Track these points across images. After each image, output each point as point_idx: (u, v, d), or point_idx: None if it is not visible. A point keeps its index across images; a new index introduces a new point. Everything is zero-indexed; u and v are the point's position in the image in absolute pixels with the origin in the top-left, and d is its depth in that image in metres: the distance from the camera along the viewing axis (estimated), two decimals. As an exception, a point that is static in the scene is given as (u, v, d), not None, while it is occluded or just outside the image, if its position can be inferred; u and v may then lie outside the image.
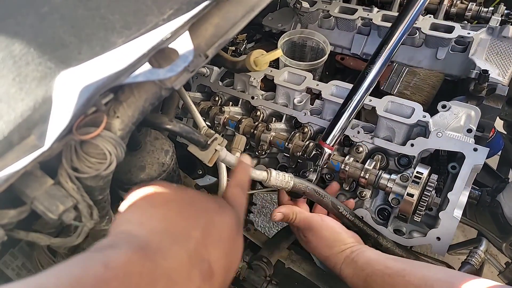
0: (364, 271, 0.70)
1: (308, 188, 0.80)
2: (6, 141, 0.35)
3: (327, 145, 0.87)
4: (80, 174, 0.45)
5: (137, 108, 0.48)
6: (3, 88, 0.36)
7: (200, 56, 0.48)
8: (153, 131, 0.83)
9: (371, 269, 0.70)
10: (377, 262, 0.71)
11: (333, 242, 0.79)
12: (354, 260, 0.74)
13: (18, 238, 0.43)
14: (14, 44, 0.37)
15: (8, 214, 0.39)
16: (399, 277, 0.65)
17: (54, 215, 0.40)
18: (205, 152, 0.69)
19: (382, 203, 0.91)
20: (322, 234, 0.80)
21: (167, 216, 0.41)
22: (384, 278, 0.66)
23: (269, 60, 1.00)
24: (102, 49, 0.41)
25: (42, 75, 0.37)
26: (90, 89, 0.37)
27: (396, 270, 0.66)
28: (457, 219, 0.79)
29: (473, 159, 0.80)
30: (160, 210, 0.42)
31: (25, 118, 0.36)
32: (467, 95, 0.96)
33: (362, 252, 0.75)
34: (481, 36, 1.03)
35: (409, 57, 1.12)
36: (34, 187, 0.40)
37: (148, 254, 0.35)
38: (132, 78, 0.40)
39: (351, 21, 1.18)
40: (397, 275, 0.66)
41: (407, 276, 0.64)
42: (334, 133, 0.88)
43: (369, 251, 0.76)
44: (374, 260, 0.72)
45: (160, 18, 0.44)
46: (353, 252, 0.76)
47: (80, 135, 0.43)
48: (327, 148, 0.87)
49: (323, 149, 0.87)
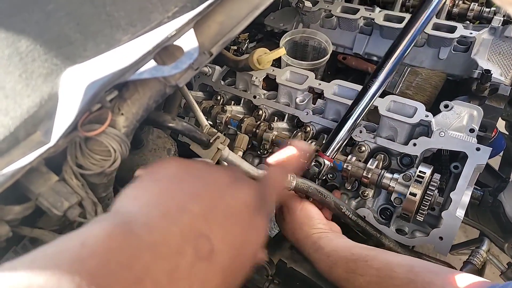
0: (329, 258, 0.72)
1: (310, 188, 0.81)
2: (12, 137, 0.35)
3: (326, 156, 0.86)
4: (85, 171, 0.45)
5: (142, 106, 0.48)
6: (10, 84, 0.36)
7: (205, 53, 0.48)
8: (155, 129, 0.83)
9: (337, 256, 0.71)
10: (342, 249, 0.72)
11: (303, 225, 0.81)
12: (321, 247, 0.75)
13: (22, 235, 0.43)
14: (20, 41, 0.37)
15: (13, 210, 0.39)
16: (362, 262, 0.67)
17: (59, 212, 0.40)
18: (208, 151, 0.69)
19: (384, 203, 0.91)
20: (296, 214, 0.82)
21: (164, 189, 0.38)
22: (348, 264, 0.68)
23: (272, 59, 1.00)
24: (107, 46, 0.41)
25: (48, 71, 0.37)
26: (96, 86, 0.37)
27: (360, 255, 0.68)
28: (459, 218, 0.79)
29: (476, 158, 0.80)
30: (161, 183, 0.39)
31: (31, 114, 0.36)
32: (470, 95, 0.96)
33: (330, 240, 0.76)
34: (483, 36, 1.03)
35: (411, 57, 1.12)
36: (39, 184, 0.40)
37: (131, 228, 0.32)
38: (137, 75, 0.40)
39: (353, 21, 1.18)
40: (360, 260, 0.67)
41: (370, 261, 0.66)
42: (334, 145, 0.87)
43: (337, 239, 0.77)
44: (340, 247, 0.73)
45: (165, 15, 0.44)
46: (320, 238, 0.77)
47: (85, 131, 0.43)
48: (326, 160, 0.86)
49: (323, 161, 0.86)
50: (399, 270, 0.62)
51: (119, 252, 0.29)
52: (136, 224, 0.32)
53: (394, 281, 0.60)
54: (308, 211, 0.83)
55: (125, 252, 0.30)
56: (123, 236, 0.31)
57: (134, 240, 0.31)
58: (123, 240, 0.30)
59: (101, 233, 0.30)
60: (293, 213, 0.83)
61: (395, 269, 0.62)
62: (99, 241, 0.30)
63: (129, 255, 0.30)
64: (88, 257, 0.28)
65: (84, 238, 0.30)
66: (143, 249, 0.30)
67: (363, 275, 0.65)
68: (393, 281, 0.60)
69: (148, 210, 0.35)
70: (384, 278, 0.62)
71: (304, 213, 0.83)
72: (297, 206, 0.84)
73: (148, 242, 0.31)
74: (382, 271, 0.63)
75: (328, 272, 0.72)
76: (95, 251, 0.29)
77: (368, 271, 0.65)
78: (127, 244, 0.30)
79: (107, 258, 0.28)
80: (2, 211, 0.39)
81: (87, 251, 0.28)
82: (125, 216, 0.34)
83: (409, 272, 0.60)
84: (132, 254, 0.30)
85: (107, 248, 0.29)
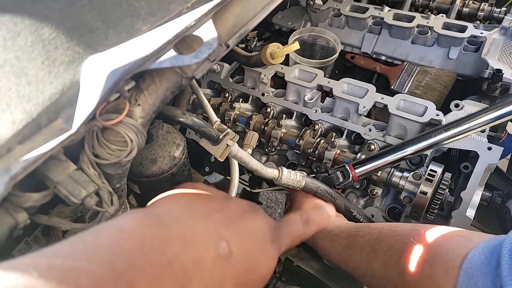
0: (331, 233, 0.71)
1: (320, 189, 0.80)
2: (34, 123, 0.35)
3: (354, 172, 0.84)
4: (101, 161, 0.45)
5: (158, 97, 0.48)
6: (32, 71, 0.36)
7: (222, 45, 0.48)
8: (165, 124, 0.83)
9: (340, 229, 0.70)
10: (346, 224, 0.72)
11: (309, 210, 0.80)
12: (324, 228, 0.74)
13: (39, 223, 0.43)
14: (43, 28, 0.37)
15: (32, 197, 0.39)
16: (365, 227, 0.66)
17: (77, 200, 0.40)
18: (217, 147, 0.69)
19: (393, 202, 0.91)
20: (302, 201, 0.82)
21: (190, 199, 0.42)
22: (350, 232, 0.67)
23: (286, 53, 1.00)
24: (128, 35, 0.41)
25: (70, 59, 0.37)
26: (117, 74, 0.37)
27: (363, 224, 0.68)
28: (470, 218, 0.79)
29: (487, 158, 0.80)
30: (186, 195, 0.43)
31: (53, 101, 0.36)
32: (480, 95, 0.96)
33: (333, 221, 0.75)
34: (494, 36, 1.02)
35: (421, 57, 1.12)
36: (57, 172, 0.41)
37: (162, 220, 0.35)
38: (157, 64, 0.40)
39: (362, 20, 1.18)
40: (362, 226, 0.67)
41: (373, 225, 0.65)
42: (367, 168, 0.84)
43: (341, 221, 0.77)
44: (344, 224, 0.73)
45: (184, 6, 0.44)
46: None
47: (103, 121, 0.43)
48: (352, 176, 0.84)
49: (349, 175, 0.84)
50: (403, 226, 0.60)
51: (152, 238, 0.32)
52: (166, 218, 0.36)
53: (397, 233, 0.57)
54: (315, 200, 0.83)
55: (157, 239, 0.32)
56: (155, 225, 0.34)
57: (165, 230, 0.34)
58: (155, 228, 0.33)
59: (135, 222, 0.33)
60: (300, 199, 0.83)
61: (398, 226, 0.60)
62: (133, 228, 0.32)
63: (161, 242, 0.32)
64: (124, 241, 0.31)
65: (120, 225, 0.33)
66: (173, 238, 0.34)
67: (363, 236, 0.63)
68: (395, 233, 0.57)
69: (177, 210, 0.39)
70: (386, 233, 0.59)
71: (310, 198, 0.82)
72: (305, 199, 0.84)
73: (177, 232, 0.35)
74: (384, 229, 0.60)
75: (329, 247, 0.69)
76: (130, 236, 0.31)
77: (370, 231, 0.63)
78: (159, 232, 0.33)
79: (141, 243, 0.31)
80: (21, 198, 0.39)
81: (123, 236, 0.31)
82: (155, 211, 0.38)
83: (414, 226, 0.58)
84: (163, 241, 0.33)
85: (141, 234, 0.32)
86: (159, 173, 0.80)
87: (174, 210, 0.38)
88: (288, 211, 0.90)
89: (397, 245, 0.54)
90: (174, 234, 0.34)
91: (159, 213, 0.37)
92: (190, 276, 0.33)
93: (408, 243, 0.52)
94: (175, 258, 0.32)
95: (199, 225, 0.37)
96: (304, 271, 1.00)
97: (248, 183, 1.37)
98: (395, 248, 0.54)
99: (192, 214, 0.39)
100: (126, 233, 0.31)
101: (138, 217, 0.34)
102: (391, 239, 0.57)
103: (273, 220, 0.50)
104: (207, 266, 0.35)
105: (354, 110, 0.95)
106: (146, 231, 0.32)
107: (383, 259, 0.55)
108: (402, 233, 0.56)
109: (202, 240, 0.36)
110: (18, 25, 0.38)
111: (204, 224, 0.38)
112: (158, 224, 0.34)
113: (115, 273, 0.28)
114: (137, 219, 0.34)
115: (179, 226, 0.35)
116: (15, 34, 0.38)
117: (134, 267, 0.29)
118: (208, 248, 0.36)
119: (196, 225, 0.37)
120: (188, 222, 0.37)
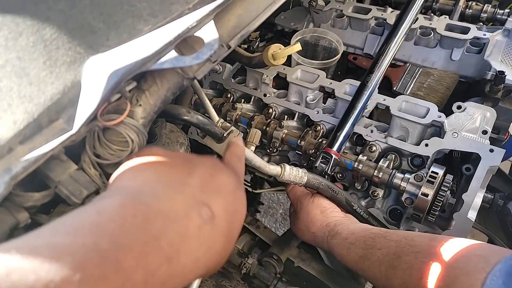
0: (347, 240, 0.71)
1: (322, 184, 0.80)
2: (35, 123, 0.36)
3: (332, 151, 0.86)
4: (102, 161, 0.45)
5: (159, 97, 0.48)
6: (34, 71, 0.36)
7: (223, 46, 0.48)
8: (168, 124, 0.84)
9: (355, 237, 0.71)
10: (361, 231, 0.72)
11: (317, 216, 0.81)
12: (338, 232, 0.75)
13: (39, 222, 0.44)
14: (45, 29, 0.37)
15: (33, 197, 0.39)
16: (381, 237, 0.66)
17: (78, 199, 0.40)
18: (221, 145, 0.69)
19: (394, 204, 0.91)
20: (309, 208, 0.83)
21: (160, 169, 0.41)
22: (366, 242, 0.67)
23: (288, 54, 1.00)
24: (129, 36, 0.41)
25: (72, 59, 0.37)
26: (118, 75, 0.37)
27: (379, 233, 0.68)
28: (471, 221, 0.78)
29: (489, 160, 0.79)
30: (154, 166, 0.41)
31: (55, 101, 0.36)
32: (483, 97, 0.95)
33: (347, 225, 0.76)
34: (497, 38, 1.02)
35: (423, 58, 1.11)
36: (58, 172, 0.41)
37: (140, 198, 0.34)
38: (158, 64, 0.40)
39: (365, 21, 1.18)
40: (378, 236, 0.67)
41: (389, 236, 0.65)
42: (339, 140, 0.88)
43: (354, 225, 0.76)
44: (358, 229, 0.73)
45: (185, 7, 0.44)
46: (337, 225, 0.77)
47: (104, 121, 0.43)
48: (333, 155, 0.86)
49: (331, 155, 0.86)
50: (420, 239, 0.60)
51: (133, 217, 0.32)
52: (143, 195, 0.35)
53: (415, 249, 0.58)
54: (321, 203, 0.83)
55: (138, 217, 0.32)
56: (134, 204, 0.33)
57: (145, 208, 0.33)
58: (135, 208, 0.33)
59: (114, 203, 0.33)
60: (306, 207, 0.83)
61: (415, 239, 0.60)
62: (113, 209, 0.32)
63: (143, 219, 0.32)
64: (106, 221, 0.30)
65: (99, 208, 0.32)
66: (154, 214, 0.33)
67: (381, 249, 0.63)
68: (413, 249, 0.58)
69: (151, 185, 0.38)
70: (403, 247, 0.59)
71: (316, 204, 0.83)
72: (309, 200, 0.84)
73: (157, 208, 0.34)
74: (402, 242, 0.61)
75: (345, 254, 0.71)
76: (112, 217, 0.31)
77: (387, 244, 0.63)
78: (139, 210, 0.33)
79: (124, 222, 0.31)
80: (22, 198, 0.39)
81: (104, 217, 0.31)
82: (131, 190, 0.36)
83: (431, 240, 0.58)
84: (145, 219, 0.32)
85: (122, 215, 0.32)
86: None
87: (149, 185, 0.37)
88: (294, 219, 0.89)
89: (416, 263, 0.55)
90: (155, 211, 0.33)
91: (135, 191, 0.36)
92: (178, 249, 0.33)
93: (428, 263, 0.53)
94: (160, 234, 0.32)
95: (178, 196, 0.37)
96: (305, 272, 1.00)
97: (249, 184, 1.37)
98: (415, 267, 0.55)
99: (167, 185, 0.38)
100: (106, 215, 0.31)
101: (116, 199, 0.34)
102: (410, 256, 0.57)
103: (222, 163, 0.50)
104: (193, 236, 0.35)
105: (356, 111, 0.95)
106: (127, 211, 0.32)
107: (403, 277, 0.56)
108: (421, 250, 0.57)
109: (183, 211, 0.36)
110: (20, 25, 0.38)
111: (182, 194, 0.37)
112: (137, 203, 0.34)
113: (99, 252, 0.28)
114: (115, 200, 0.33)
115: (159, 202, 0.35)
116: (17, 34, 0.38)
117: (118, 246, 0.29)
118: (191, 217, 0.36)
119: (175, 196, 0.37)
120: (166, 196, 0.36)
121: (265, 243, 1.07)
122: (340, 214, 0.82)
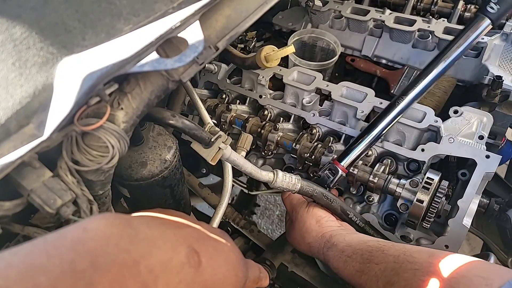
0: (343, 253, 0.69)
1: (316, 192, 0.78)
2: (3, 129, 0.33)
3: (341, 166, 0.83)
4: (81, 167, 0.43)
5: (143, 101, 0.46)
6: (2, 73, 0.34)
7: (210, 48, 0.46)
8: (156, 126, 0.81)
9: (352, 250, 0.69)
10: (358, 243, 0.70)
11: (313, 226, 0.79)
12: (334, 244, 0.73)
13: (13, 232, 0.41)
14: (15, 27, 0.35)
15: (3, 206, 0.37)
16: (378, 251, 0.64)
17: (51, 209, 0.38)
18: (208, 150, 0.67)
19: (390, 209, 0.89)
20: (304, 217, 0.81)
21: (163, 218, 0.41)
22: (363, 256, 0.66)
23: (281, 57, 0.97)
24: (107, 35, 0.39)
25: (44, 60, 0.35)
26: (94, 77, 0.35)
27: (376, 246, 0.66)
28: (466, 227, 0.77)
29: (485, 166, 0.78)
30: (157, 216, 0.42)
31: (24, 105, 0.34)
32: (480, 101, 0.94)
33: (343, 236, 0.73)
34: (495, 42, 1.00)
35: (421, 61, 1.09)
36: (31, 179, 0.38)
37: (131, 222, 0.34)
38: (138, 67, 0.38)
39: (363, 23, 1.16)
40: (376, 250, 0.65)
41: (387, 250, 0.63)
42: (351, 157, 0.84)
43: (351, 235, 0.74)
44: (355, 242, 0.71)
45: (169, 6, 0.42)
46: (333, 236, 0.75)
47: (81, 126, 0.41)
48: (341, 170, 0.83)
49: (338, 170, 0.83)
50: (419, 256, 0.58)
51: (119, 237, 0.31)
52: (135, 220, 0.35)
53: (413, 265, 0.56)
54: (316, 212, 0.81)
55: (124, 238, 0.31)
56: (123, 226, 0.33)
57: (133, 231, 0.33)
58: (123, 228, 0.32)
59: (102, 221, 0.32)
60: (301, 217, 0.81)
61: (414, 255, 0.58)
62: (100, 227, 0.31)
63: (128, 241, 0.31)
64: (89, 239, 0.30)
65: (86, 225, 0.32)
66: (141, 238, 0.33)
67: (378, 264, 0.61)
68: (412, 265, 0.56)
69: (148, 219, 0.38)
70: (402, 264, 0.58)
71: (311, 214, 0.80)
72: (304, 209, 0.82)
73: (146, 234, 0.34)
74: (400, 258, 0.59)
75: (342, 268, 0.69)
76: (96, 235, 0.31)
77: (385, 259, 0.61)
78: (126, 232, 0.32)
79: (106, 242, 0.30)
80: (-9, 207, 0.37)
81: (88, 235, 0.30)
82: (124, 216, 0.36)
83: (430, 257, 0.56)
84: (130, 241, 0.32)
85: (108, 234, 0.31)
86: (149, 177, 0.77)
87: (145, 218, 0.38)
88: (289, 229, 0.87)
89: (415, 282, 0.53)
90: (142, 236, 0.33)
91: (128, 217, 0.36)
92: (156, 277, 0.32)
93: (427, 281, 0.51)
94: (141, 258, 0.31)
95: (170, 231, 0.37)
96: (299, 277, 0.98)
97: (246, 185, 1.35)
98: (413, 285, 0.53)
99: (162, 223, 0.38)
100: (91, 233, 0.31)
101: (106, 217, 0.33)
102: (408, 272, 0.55)
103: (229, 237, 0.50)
104: (175, 270, 0.34)
105: (352, 114, 0.93)
106: (113, 231, 0.32)
107: None
108: (420, 267, 0.55)
109: (172, 244, 0.35)
110: (-11, 23, 0.36)
111: (174, 233, 0.37)
112: (126, 225, 0.33)
113: (75, 273, 0.27)
114: (105, 219, 0.33)
115: (149, 229, 0.34)
116: (-14, 33, 0.36)
117: (95, 266, 0.28)
118: (178, 252, 0.35)
119: (167, 231, 0.36)
120: (158, 228, 0.36)
121: (259, 247, 1.05)
122: (335, 224, 0.79)
